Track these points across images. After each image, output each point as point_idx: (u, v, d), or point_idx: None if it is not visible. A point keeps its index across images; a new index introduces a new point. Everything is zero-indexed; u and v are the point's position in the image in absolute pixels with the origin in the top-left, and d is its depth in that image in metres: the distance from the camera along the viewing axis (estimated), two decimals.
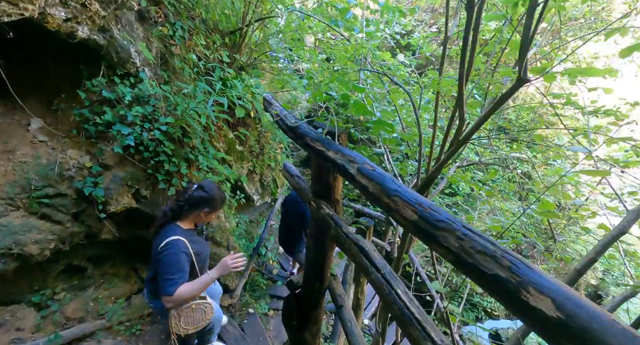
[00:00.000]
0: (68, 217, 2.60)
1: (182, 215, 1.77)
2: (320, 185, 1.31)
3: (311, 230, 1.47)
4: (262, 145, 4.96)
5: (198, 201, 1.74)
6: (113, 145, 2.59)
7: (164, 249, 1.60)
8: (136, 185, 2.70)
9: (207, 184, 1.83)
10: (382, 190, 0.76)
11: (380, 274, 0.91)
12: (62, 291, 2.78)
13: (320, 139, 1.05)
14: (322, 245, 1.46)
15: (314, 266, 1.58)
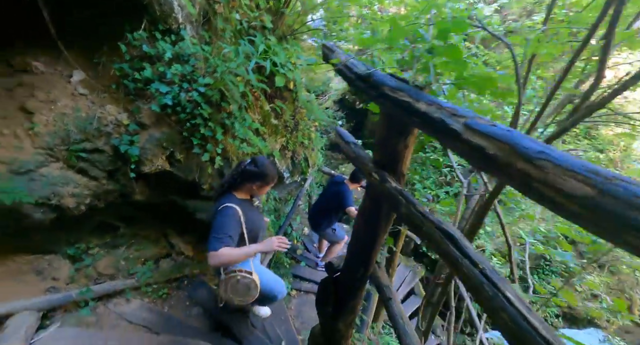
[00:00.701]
0: (104, 174, 2.57)
1: (237, 186, 1.87)
2: (385, 153, 1.07)
3: (363, 207, 1.25)
4: (297, 121, 4.75)
5: (250, 174, 1.82)
6: (151, 103, 2.48)
7: (217, 212, 1.74)
8: (171, 147, 2.60)
9: (260, 159, 1.88)
10: (514, 152, 0.52)
11: (478, 270, 0.67)
12: (96, 247, 2.81)
13: (404, 88, 0.81)
14: (375, 225, 1.24)
15: (360, 249, 1.37)
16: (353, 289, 1.53)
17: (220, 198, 1.87)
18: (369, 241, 1.31)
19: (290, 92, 4.47)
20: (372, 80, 0.91)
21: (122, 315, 2.60)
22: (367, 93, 0.97)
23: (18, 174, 2.24)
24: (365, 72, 0.96)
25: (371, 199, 1.20)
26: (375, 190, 1.11)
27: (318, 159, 5.39)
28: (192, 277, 3.16)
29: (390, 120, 1.00)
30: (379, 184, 1.03)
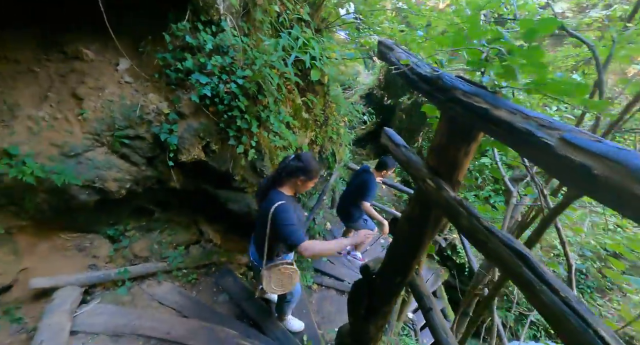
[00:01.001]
0: (144, 161, 2.67)
1: (281, 182, 1.87)
2: (443, 159, 1.01)
3: (409, 213, 1.20)
4: (327, 115, 4.71)
5: (294, 170, 1.82)
6: (190, 93, 2.53)
7: (278, 211, 1.73)
8: (207, 138, 2.65)
9: (304, 154, 1.89)
10: (629, 174, 0.45)
11: (560, 298, 0.61)
12: (132, 229, 2.94)
13: (480, 93, 0.74)
14: (421, 232, 1.19)
15: (401, 255, 1.32)
16: (388, 294, 1.50)
17: (268, 194, 1.86)
18: (412, 248, 1.26)
19: (322, 86, 4.43)
20: (440, 83, 0.85)
21: (153, 297, 2.71)
22: (432, 96, 0.91)
23: (68, 157, 2.36)
24: (433, 74, 0.89)
25: (420, 205, 1.14)
26: (427, 197, 1.06)
27: (345, 154, 5.34)
28: (219, 265, 3.25)
29: (453, 126, 0.93)
30: (434, 192, 0.98)
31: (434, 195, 0.98)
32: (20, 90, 2.35)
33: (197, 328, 2.38)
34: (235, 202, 2.93)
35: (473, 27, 0.81)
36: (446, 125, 0.95)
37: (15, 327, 2.21)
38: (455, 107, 0.81)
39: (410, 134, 7.84)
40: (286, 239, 1.66)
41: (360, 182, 3.45)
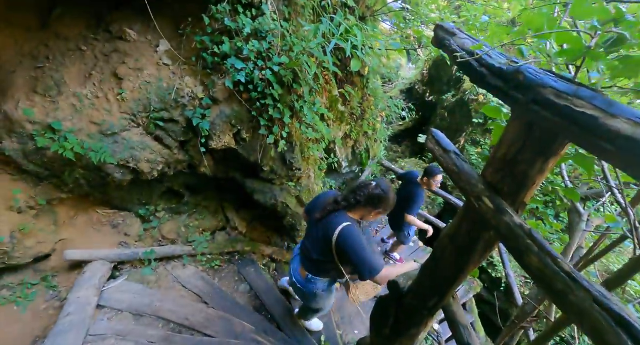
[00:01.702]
0: (176, 144, 2.67)
1: (355, 208, 1.73)
2: (508, 174, 0.80)
3: (455, 232, 1.01)
4: (364, 109, 4.47)
5: (376, 200, 1.69)
6: (225, 79, 2.45)
7: (345, 234, 1.60)
8: (239, 125, 2.58)
9: (384, 184, 1.74)
10: None
11: None
12: (162, 210, 3.00)
13: (584, 95, 0.54)
14: (467, 256, 0.99)
15: (439, 276, 1.13)
16: (419, 317, 1.32)
17: (334, 215, 1.71)
18: (452, 271, 1.07)
19: (362, 77, 4.19)
20: (521, 78, 0.64)
21: (177, 279, 2.76)
22: (507, 96, 0.69)
23: (106, 136, 2.42)
24: (511, 67, 0.68)
25: (469, 224, 0.95)
26: (480, 217, 0.87)
27: (380, 151, 5.09)
28: (243, 254, 3.23)
29: (531, 135, 0.72)
30: (492, 214, 0.78)
31: (491, 218, 0.78)
32: (67, 67, 2.42)
33: (215, 317, 2.37)
34: (261, 194, 2.87)
35: (579, 2, 0.59)
36: (519, 134, 0.74)
37: (51, 294, 2.34)
38: (542, 111, 0.60)
39: (451, 135, 7.32)
40: (358, 266, 1.54)
41: (406, 193, 3.26)
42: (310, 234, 1.89)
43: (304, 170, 2.91)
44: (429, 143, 1.06)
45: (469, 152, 5.84)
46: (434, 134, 1.06)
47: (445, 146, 1.01)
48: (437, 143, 1.03)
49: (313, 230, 1.82)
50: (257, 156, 2.70)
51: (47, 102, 2.31)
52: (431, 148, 1.05)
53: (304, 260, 1.98)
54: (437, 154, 1.01)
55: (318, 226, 1.76)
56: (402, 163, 7.40)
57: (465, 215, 1.00)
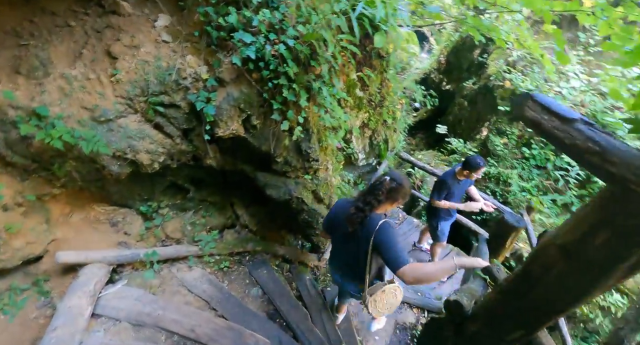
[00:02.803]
0: (178, 133, 2.38)
1: (378, 206, 1.72)
2: None
3: (578, 237, 0.68)
4: (383, 95, 4.10)
5: (394, 192, 1.71)
6: (232, 56, 2.13)
7: (384, 229, 1.63)
8: (248, 110, 2.27)
9: (396, 175, 1.75)
10: None
11: None
12: (166, 207, 2.74)
13: None
14: (595, 277, 0.66)
15: (529, 305, 0.80)
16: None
17: (366, 221, 1.70)
18: (562, 298, 0.74)
19: (381, 59, 3.82)
20: None
21: (183, 282, 2.49)
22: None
23: (99, 123, 2.13)
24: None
25: (613, 229, 0.61)
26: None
27: (398, 141, 4.72)
28: (254, 254, 2.95)
29: None
30: None
31: None
32: (54, 45, 2.13)
33: (224, 328, 2.09)
34: (275, 188, 2.56)
35: None
36: None
37: (42, 301, 2.10)
38: None
39: (472, 125, 6.88)
40: (388, 260, 1.56)
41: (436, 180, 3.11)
42: (344, 245, 1.87)
43: (321, 161, 2.59)
44: (528, 111, 0.71)
45: (493, 142, 5.41)
46: (537, 98, 0.71)
47: (563, 113, 0.66)
48: (546, 110, 0.68)
49: (347, 242, 1.82)
50: (269, 145, 2.39)
51: (32, 84, 2.03)
52: (533, 118, 0.70)
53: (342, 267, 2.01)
54: (548, 126, 0.67)
55: (353, 237, 1.75)
56: (419, 155, 7.01)
57: (607, 215, 0.66)
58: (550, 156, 4.99)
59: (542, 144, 5.11)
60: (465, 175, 2.83)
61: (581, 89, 4.78)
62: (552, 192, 4.83)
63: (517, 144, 5.31)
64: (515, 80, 5.28)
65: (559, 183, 4.71)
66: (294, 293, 2.95)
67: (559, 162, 4.88)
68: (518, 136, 5.30)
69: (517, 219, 2.48)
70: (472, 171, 2.73)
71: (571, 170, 4.53)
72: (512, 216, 2.60)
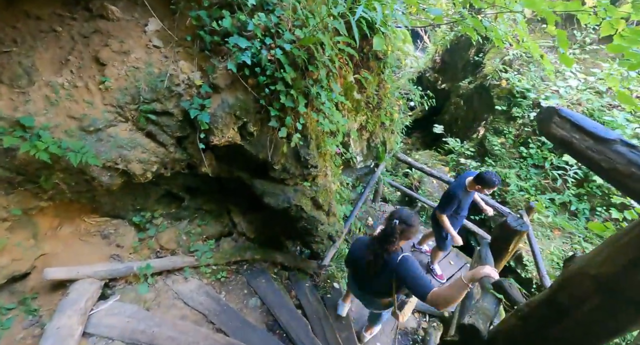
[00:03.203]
0: (172, 141, 2.29)
1: (395, 245, 1.86)
2: None
3: (617, 269, 0.61)
4: (381, 97, 4.04)
5: (407, 233, 1.85)
6: (227, 61, 2.05)
7: (402, 264, 1.79)
8: (244, 117, 2.19)
9: (406, 216, 1.85)
10: None
11: None
12: (160, 217, 2.64)
13: None
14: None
15: (558, 338, 0.74)
16: None
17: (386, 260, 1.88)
18: (596, 335, 0.68)
19: (378, 61, 3.76)
20: None
21: (179, 295, 2.41)
22: None
23: (87, 133, 2.04)
24: None
25: None
26: None
27: (396, 143, 4.67)
28: (252, 263, 2.88)
29: None
30: None
31: None
32: (39, 52, 2.03)
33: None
34: (272, 196, 2.49)
35: None
36: None
37: (30, 320, 2.00)
38: None
39: (468, 125, 6.86)
40: (414, 289, 1.69)
41: (446, 191, 3.04)
42: (366, 284, 2.10)
43: (320, 167, 2.52)
44: (555, 129, 0.65)
45: (491, 142, 5.39)
46: (564, 113, 0.65)
47: (597, 132, 0.60)
48: (576, 127, 0.62)
49: (369, 282, 2.04)
50: (266, 153, 2.31)
51: (15, 93, 1.93)
52: (563, 137, 0.64)
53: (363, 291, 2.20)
54: (581, 147, 0.61)
55: (377, 278, 1.93)
56: (416, 155, 6.98)
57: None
58: (547, 155, 4.98)
59: (539, 143, 5.11)
60: (477, 189, 2.78)
61: (578, 88, 4.78)
62: (550, 191, 4.83)
63: (515, 143, 5.29)
64: (512, 79, 5.26)
65: (557, 182, 4.70)
66: (294, 302, 2.89)
67: (556, 161, 4.88)
68: (515, 135, 5.28)
69: (520, 223, 2.43)
70: (485, 188, 2.67)
71: (569, 169, 4.52)
72: (514, 219, 2.56)
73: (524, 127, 5.15)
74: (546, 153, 4.98)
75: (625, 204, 4.23)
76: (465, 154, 5.82)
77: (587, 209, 4.51)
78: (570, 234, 4.45)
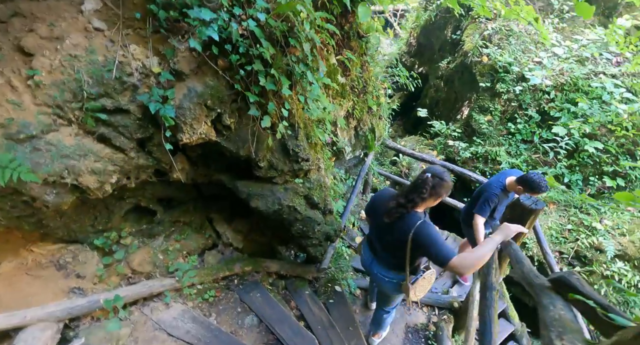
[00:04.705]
0: (132, 144, 1.89)
1: (420, 204, 1.73)
2: None
3: None
4: (366, 80, 3.75)
5: (438, 188, 1.69)
6: (189, 40, 1.67)
7: (422, 230, 1.63)
8: (218, 107, 1.83)
9: (438, 171, 1.73)
10: None
11: None
12: (129, 236, 2.24)
13: None
14: None
15: None
16: None
17: (404, 217, 1.71)
18: None
19: (360, 40, 3.46)
20: None
21: (160, 325, 2.04)
22: None
23: (17, 141, 1.61)
24: None
25: None
26: None
27: (384, 129, 4.42)
28: (243, 276, 2.54)
29: None
30: None
31: None
32: None
33: None
34: (261, 198, 2.15)
35: None
36: None
37: None
38: None
39: (450, 106, 6.73)
40: (435, 257, 1.58)
41: (480, 190, 2.71)
42: (380, 236, 1.92)
43: (312, 160, 2.20)
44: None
45: (477, 121, 5.26)
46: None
47: None
48: None
49: (383, 233, 1.88)
50: (249, 148, 1.96)
51: None
52: None
53: (376, 252, 2.01)
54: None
55: (390, 229, 1.78)
56: (402, 142, 6.79)
57: None
58: (536, 129, 4.90)
59: (526, 117, 5.03)
60: (518, 191, 2.47)
61: (563, 56, 4.71)
62: (541, 165, 4.76)
63: (502, 119, 5.19)
64: (493, 54, 5.12)
65: (548, 155, 4.63)
66: (294, 313, 2.59)
67: (545, 134, 4.81)
68: (502, 112, 5.18)
69: (534, 200, 2.23)
70: (530, 192, 2.37)
71: (560, 141, 4.45)
72: (526, 198, 2.35)
73: (510, 102, 5.05)
74: (534, 127, 4.91)
75: (617, 171, 4.21)
76: (452, 135, 5.67)
77: (580, 180, 4.47)
78: (566, 206, 4.39)
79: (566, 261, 4.15)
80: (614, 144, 4.31)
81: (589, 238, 3.93)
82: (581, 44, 4.63)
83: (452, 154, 5.55)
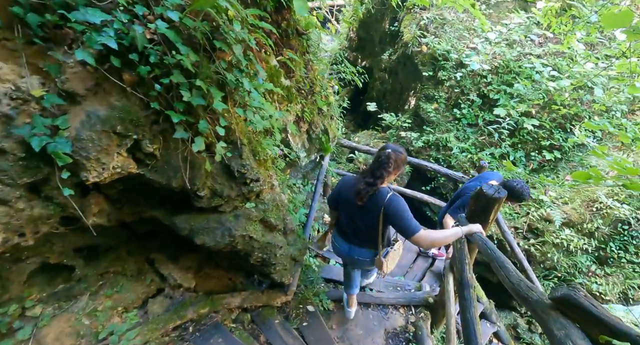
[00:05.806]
0: (18, 192, 1.43)
1: (383, 179, 1.81)
2: None
3: None
4: (312, 80, 3.52)
5: (400, 162, 1.82)
6: (77, 50, 1.27)
7: (393, 202, 1.74)
8: (132, 133, 1.44)
9: (395, 146, 1.85)
10: None
11: None
12: (38, 304, 1.74)
13: None
14: None
15: None
16: None
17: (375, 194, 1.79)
18: None
19: (301, 38, 3.21)
20: None
21: None
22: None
23: None
24: None
25: None
26: None
27: (337, 129, 4.25)
28: (199, 321, 2.17)
29: None
30: None
31: None
32: None
33: None
34: (207, 232, 1.80)
35: None
36: None
37: None
38: None
39: (396, 97, 6.83)
40: (403, 229, 1.70)
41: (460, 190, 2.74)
42: (353, 220, 1.94)
43: (263, 179, 1.91)
44: None
45: (425, 110, 5.36)
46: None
47: None
48: None
49: (356, 216, 1.91)
50: (182, 178, 1.61)
51: None
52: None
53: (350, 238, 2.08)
54: None
55: (362, 210, 1.85)
56: (355, 138, 6.72)
57: None
58: (479, 113, 5.12)
59: (469, 102, 5.22)
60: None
61: (495, 40, 4.96)
62: (488, 146, 4.99)
63: (447, 106, 5.34)
64: (431, 43, 5.23)
65: (493, 137, 4.86)
66: None
67: (487, 116, 5.04)
68: (446, 99, 5.33)
69: (496, 189, 2.21)
70: (514, 202, 2.32)
71: (502, 122, 4.68)
72: (488, 187, 2.33)
73: (453, 89, 5.21)
74: (477, 111, 5.12)
75: (553, 145, 4.56)
76: (403, 126, 5.73)
77: (523, 156, 4.77)
78: None
79: (521, 235, 4.41)
80: (547, 119, 4.67)
81: (538, 210, 4.20)
82: (509, 28, 4.93)
83: (406, 145, 5.61)
